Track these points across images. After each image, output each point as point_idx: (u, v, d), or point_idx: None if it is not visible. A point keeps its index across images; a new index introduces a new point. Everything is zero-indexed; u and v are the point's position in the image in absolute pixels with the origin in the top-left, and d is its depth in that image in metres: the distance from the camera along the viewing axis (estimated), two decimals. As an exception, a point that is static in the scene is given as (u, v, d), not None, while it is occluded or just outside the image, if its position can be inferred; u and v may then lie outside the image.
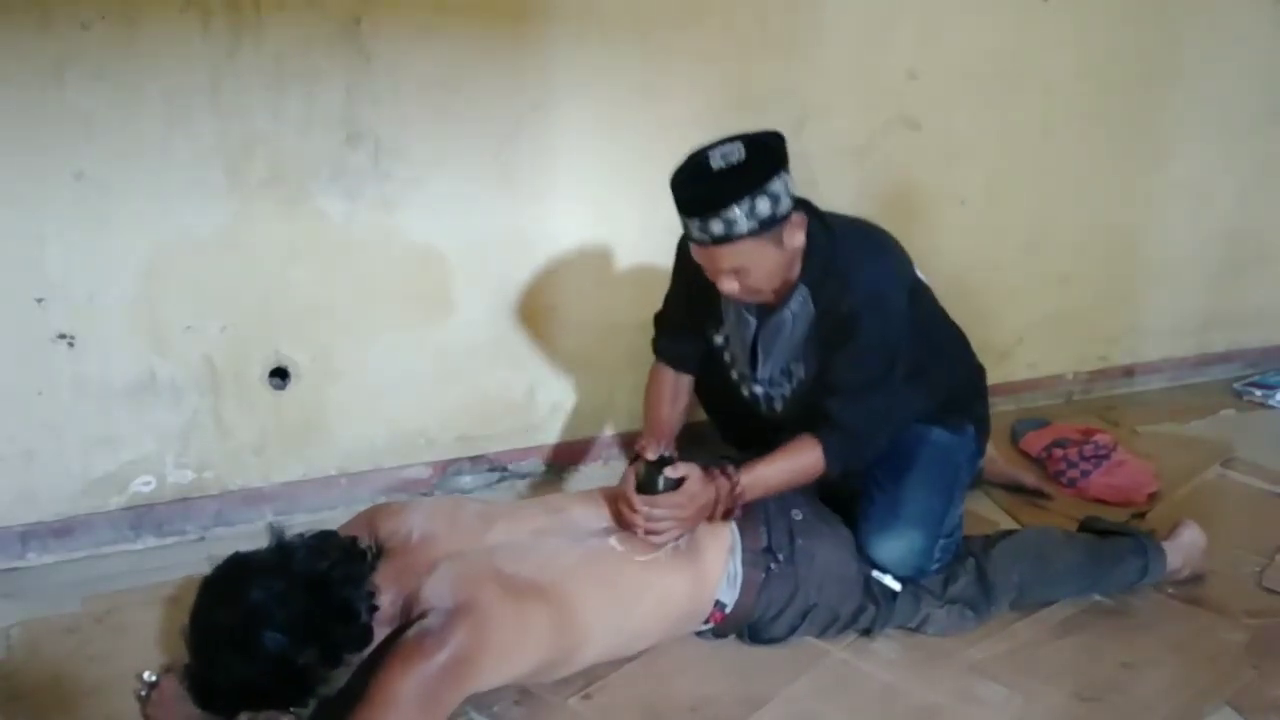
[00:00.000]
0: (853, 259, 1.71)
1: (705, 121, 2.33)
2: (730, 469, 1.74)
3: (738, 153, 1.58)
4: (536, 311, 2.38)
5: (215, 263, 2.04)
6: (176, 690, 1.47)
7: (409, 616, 1.48)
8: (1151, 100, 2.94)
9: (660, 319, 2.05)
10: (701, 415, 2.23)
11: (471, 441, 2.40)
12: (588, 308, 2.43)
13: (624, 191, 2.36)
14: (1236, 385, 3.20)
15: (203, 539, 2.15)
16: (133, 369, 2.03)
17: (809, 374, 1.80)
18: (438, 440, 2.37)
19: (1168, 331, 3.24)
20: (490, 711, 1.60)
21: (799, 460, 1.76)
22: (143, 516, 2.12)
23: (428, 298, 2.26)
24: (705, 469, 1.73)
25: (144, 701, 1.55)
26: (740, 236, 1.58)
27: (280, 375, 2.17)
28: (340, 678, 1.47)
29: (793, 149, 2.55)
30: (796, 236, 1.66)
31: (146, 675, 1.57)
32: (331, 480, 2.28)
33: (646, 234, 2.42)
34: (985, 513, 2.29)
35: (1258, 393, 3.12)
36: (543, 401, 2.46)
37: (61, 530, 2.06)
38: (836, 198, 1.90)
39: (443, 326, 2.29)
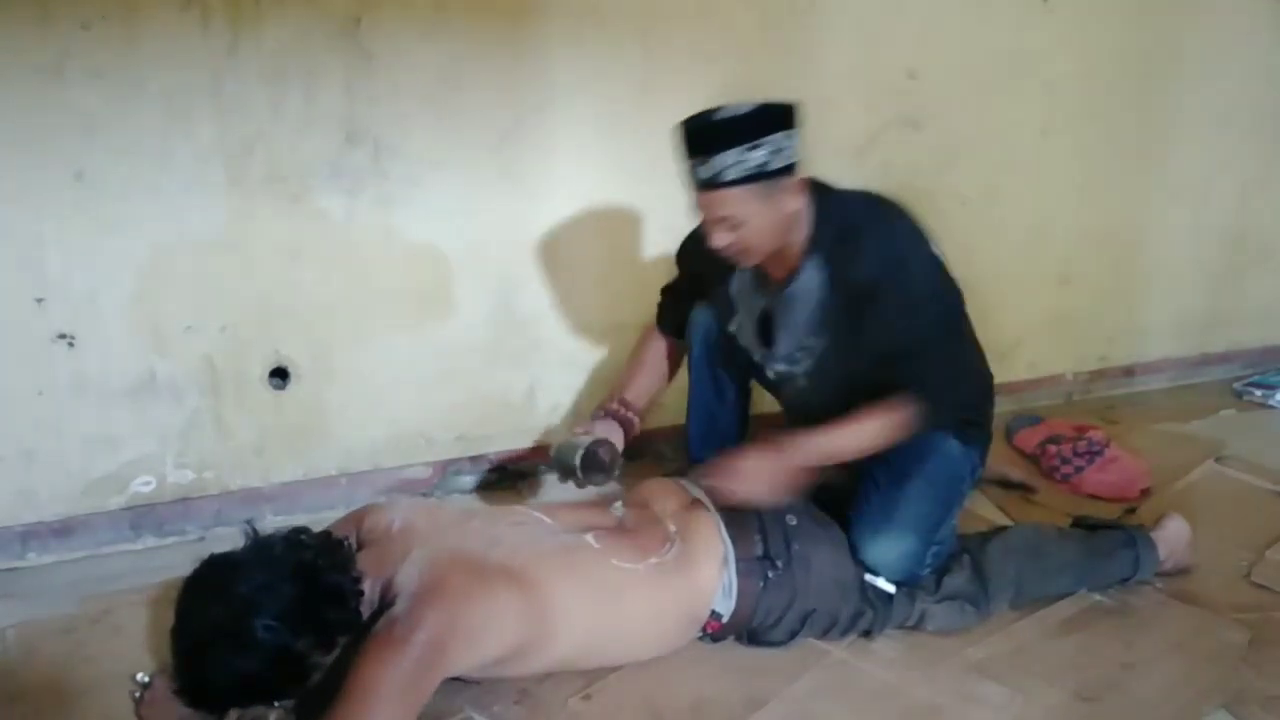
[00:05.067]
0: (866, 228, 1.71)
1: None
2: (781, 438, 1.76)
3: (745, 108, 1.63)
4: (536, 311, 2.38)
5: (215, 263, 2.04)
6: (169, 691, 1.47)
7: (384, 601, 1.49)
8: (1152, 100, 2.94)
9: (667, 287, 2.11)
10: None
11: (471, 441, 2.40)
12: (588, 308, 2.43)
13: (624, 191, 2.36)
14: (1236, 385, 3.20)
15: (203, 539, 2.15)
16: (133, 369, 2.03)
17: (828, 345, 1.78)
18: (437, 440, 2.37)
19: (1168, 331, 3.25)
20: (490, 711, 1.60)
21: (873, 422, 1.72)
22: (143, 516, 2.12)
23: (428, 298, 2.26)
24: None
25: (138, 703, 1.55)
26: (729, 183, 1.61)
27: (280, 375, 2.17)
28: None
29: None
30: (791, 201, 1.68)
31: (140, 677, 1.57)
32: (331, 480, 2.27)
33: (647, 233, 2.42)
34: (978, 509, 2.28)
35: (1258, 393, 3.12)
36: (543, 401, 2.46)
37: (61, 530, 2.06)
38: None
39: (443, 326, 2.29)
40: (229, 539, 1.50)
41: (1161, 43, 2.89)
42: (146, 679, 1.57)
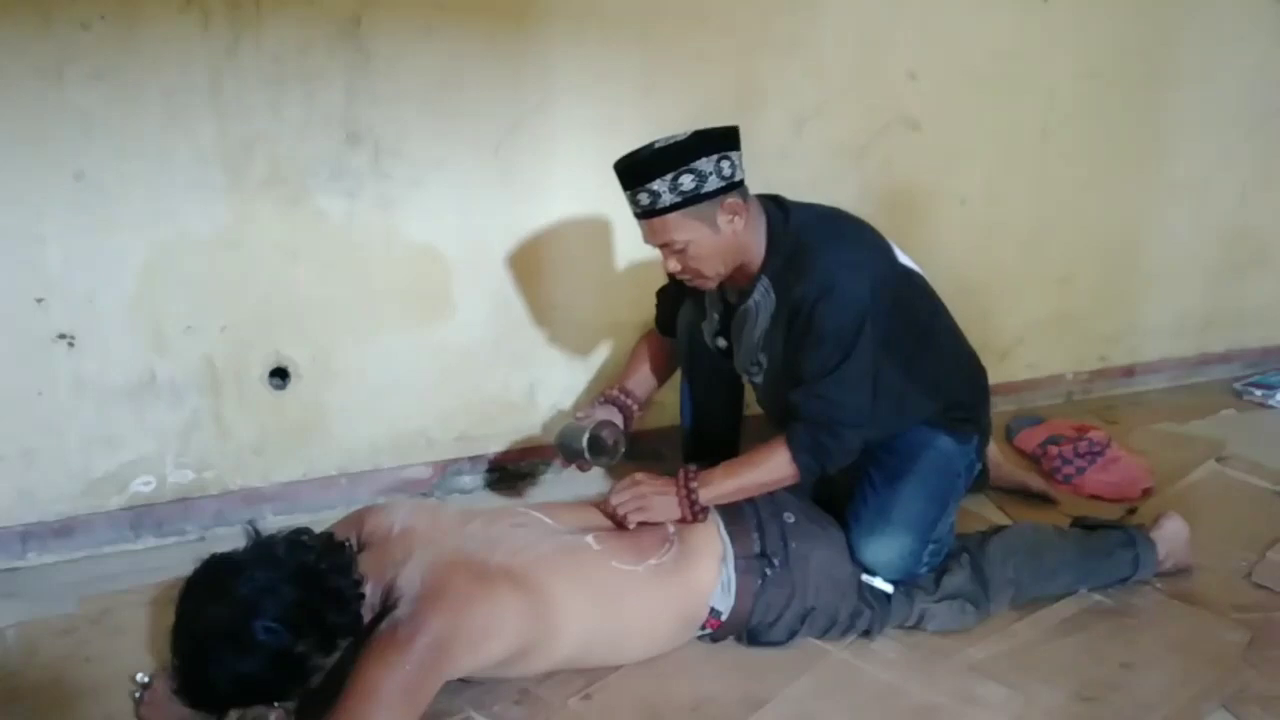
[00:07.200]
0: (811, 248, 1.72)
1: (705, 121, 2.33)
2: (690, 469, 1.80)
3: (678, 137, 1.67)
4: (536, 311, 2.38)
5: (215, 263, 2.04)
6: (169, 691, 1.47)
7: (386, 604, 1.49)
8: (1151, 100, 2.94)
9: (661, 290, 2.15)
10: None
11: (471, 441, 2.40)
12: (588, 308, 2.43)
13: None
14: (1236, 385, 3.20)
15: (203, 539, 2.15)
16: (133, 369, 2.03)
17: (771, 361, 1.81)
18: (438, 440, 2.37)
19: (1168, 331, 3.24)
20: (490, 711, 1.60)
21: (764, 460, 1.77)
22: (143, 516, 2.12)
23: (428, 298, 2.26)
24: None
25: (138, 703, 1.55)
26: (664, 210, 1.67)
27: (280, 375, 2.17)
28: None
29: (793, 149, 2.56)
30: (735, 221, 1.70)
31: (140, 677, 1.57)
32: (331, 480, 2.28)
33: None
34: (978, 509, 2.28)
35: (1258, 393, 3.12)
36: (543, 401, 2.46)
37: (61, 530, 2.06)
38: (836, 198, 1.91)
39: (443, 326, 2.29)
40: (229, 539, 1.50)
41: (1161, 42, 2.89)
42: (146, 679, 1.57)
